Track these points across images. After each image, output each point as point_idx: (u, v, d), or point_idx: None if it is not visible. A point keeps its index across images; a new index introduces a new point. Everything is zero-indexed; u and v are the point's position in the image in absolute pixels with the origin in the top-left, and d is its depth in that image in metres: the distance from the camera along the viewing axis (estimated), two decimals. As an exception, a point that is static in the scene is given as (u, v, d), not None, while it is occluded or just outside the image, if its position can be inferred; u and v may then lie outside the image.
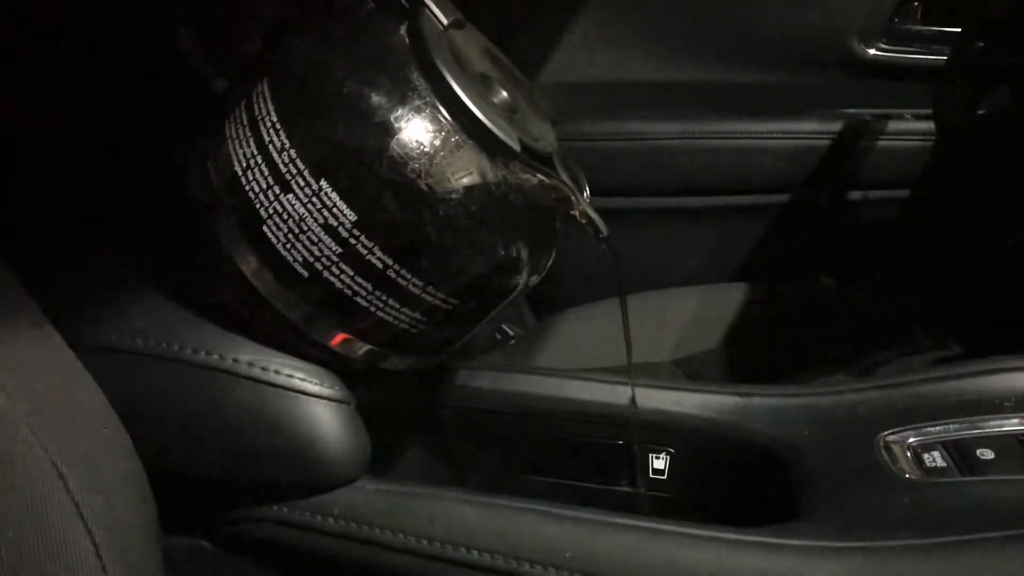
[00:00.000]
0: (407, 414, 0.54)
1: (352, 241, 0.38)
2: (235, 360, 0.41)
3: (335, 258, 0.39)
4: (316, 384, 0.42)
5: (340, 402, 0.43)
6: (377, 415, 0.46)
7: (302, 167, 0.38)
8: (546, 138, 0.45)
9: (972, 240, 0.86)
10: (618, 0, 0.89)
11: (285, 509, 0.43)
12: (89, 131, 0.52)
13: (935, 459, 0.44)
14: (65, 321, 0.40)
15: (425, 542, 0.41)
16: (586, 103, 0.91)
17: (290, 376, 0.41)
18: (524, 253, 0.43)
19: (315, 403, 0.42)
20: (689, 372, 0.76)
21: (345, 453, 0.42)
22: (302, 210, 0.38)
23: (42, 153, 0.50)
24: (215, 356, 0.41)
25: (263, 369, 0.41)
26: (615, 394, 0.51)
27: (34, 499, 0.32)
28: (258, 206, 0.39)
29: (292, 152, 0.38)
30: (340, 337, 0.42)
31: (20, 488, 0.32)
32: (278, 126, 0.38)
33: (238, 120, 0.40)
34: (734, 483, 0.50)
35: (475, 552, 0.40)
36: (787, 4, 0.91)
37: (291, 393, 0.41)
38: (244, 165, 0.39)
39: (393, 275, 0.39)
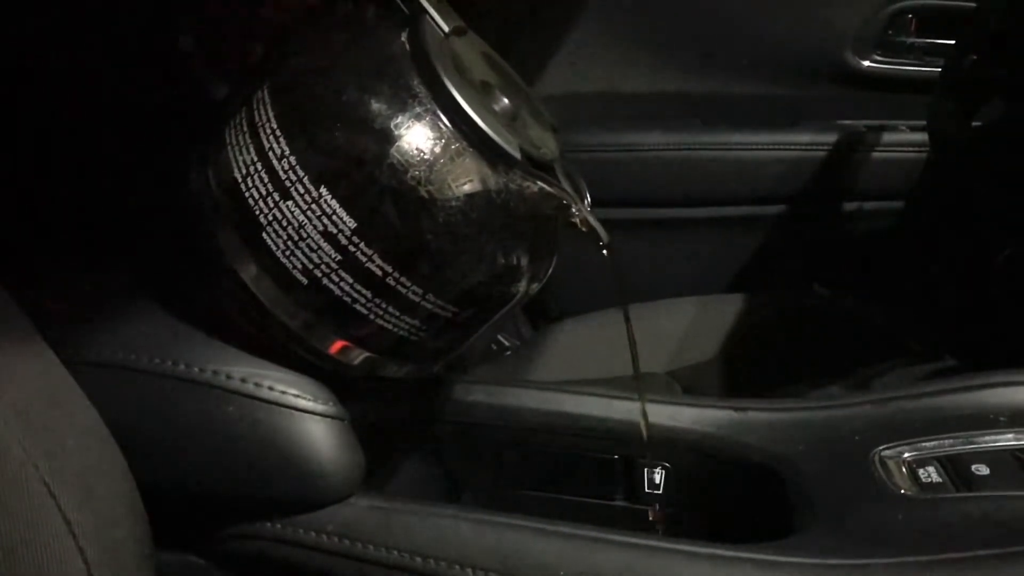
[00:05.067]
0: (401, 429, 0.53)
1: (352, 248, 0.38)
2: (228, 376, 0.41)
3: (334, 265, 0.38)
4: (309, 400, 0.41)
5: (334, 418, 0.42)
6: (371, 431, 0.45)
7: (302, 174, 0.37)
8: (547, 145, 0.44)
9: (965, 252, 0.86)
10: (616, 12, 0.89)
11: (278, 526, 0.42)
12: (86, 139, 0.51)
13: (930, 474, 0.44)
14: (57, 336, 0.40)
15: (419, 559, 0.40)
16: (582, 114, 0.92)
17: (283, 392, 0.41)
18: (524, 261, 0.43)
19: (308, 419, 0.41)
20: (684, 383, 0.76)
21: (339, 469, 0.42)
22: (302, 217, 0.38)
23: (36, 163, 0.50)
24: (208, 372, 0.41)
25: (256, 385, 0.41)
26: (611, 408, 0.51)
27: (25, 518, 0.31)
28: (258, 213, 0.38)
29: (292, 159, 0.37)
30: (339, 344, 0.41)
31: (11, 506, 0.31)
32: (278, 133, 0.38)
33: (238, 126, 0.39)
34: (730, 498, 0.50)
35: (469, 570, 0.40)
36: (782, 16, 0.91)
37: (284, 409, 0.41)
38: (244, 172, 0.38)
39: (392, 282, 0.39)
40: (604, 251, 0.43)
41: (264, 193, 0.38)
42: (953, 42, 0.73)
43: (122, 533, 0.36)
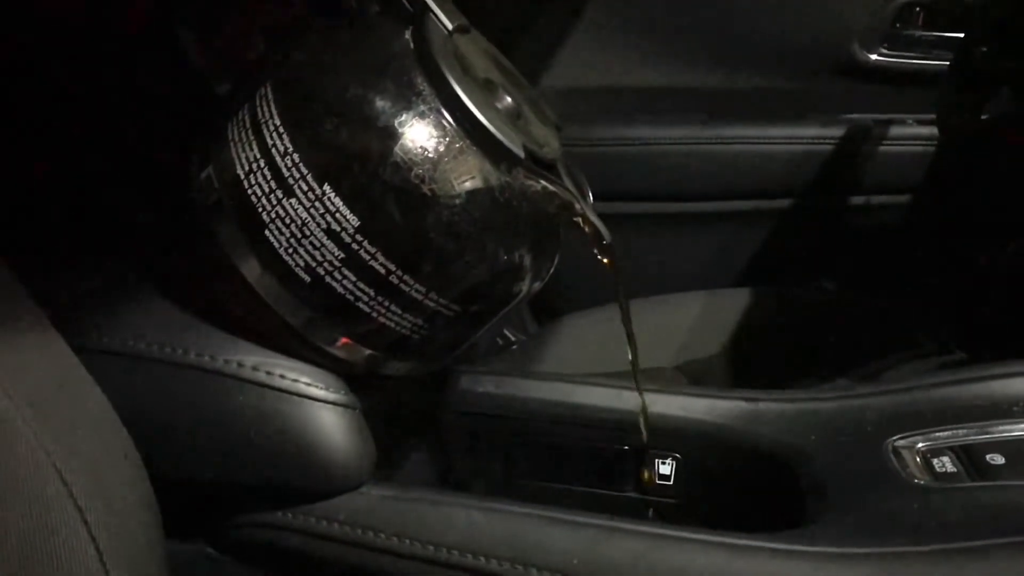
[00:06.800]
0: (413, 419, 0.54)
1: (354, 246, 0.38)
2: (239, 364, 0.41)
3: (337, 263, 0.38)
4: (321, 388, 0.42)
5: (345, 407, 0.42)
6: (382, 420, 0.45)
7: (305, 171, 0.37)
8: (550, 144, 0.45)
9: (975, 245, 0.85)
10: (621, 5, 0.89)
11: (289, 515, 0.43)
12: (92, 133, 0.52)
13: (945, 464, 0.44)
14: (68, 324, 0.40)
15: (431, 548, 0.40)
16: (588, 108, 0.92)
17: (295, 380, 0.41)
18: (527, 259, 0.43)
19: (320, 407, 0.41)
20: (691, 377, 0.76)
21: (350, 458, 0.42)
22: (304, 215, 0.38)
23: (45, 154, 0.50)
24: (219, 360, 0.41)
25: (268, 373, 0.41)
26: (620, 399, 0.51)
27: (37, 504, 0.31)
28: (260, 210, 0.38)
29: (295, 156, 0.38)
30: (341, 342, 0.41)
31: (23, 493, 0.31)
32: (281, 130, 0.38)
33: (241, 123, 0.39)
34: (741, 489, 0.50)
35: (481, 558, 0.40)
36: (789, 10, 0.91)
37: (296, 397, 0.41)
38: (247, 169, 0.39)
39: (395, 281, 0.39)
40: (602, 254, 0.43)
41: (267, 190, 0.38)
42: (961, 35, 0.73)
43: (133, 521, 0.36)
